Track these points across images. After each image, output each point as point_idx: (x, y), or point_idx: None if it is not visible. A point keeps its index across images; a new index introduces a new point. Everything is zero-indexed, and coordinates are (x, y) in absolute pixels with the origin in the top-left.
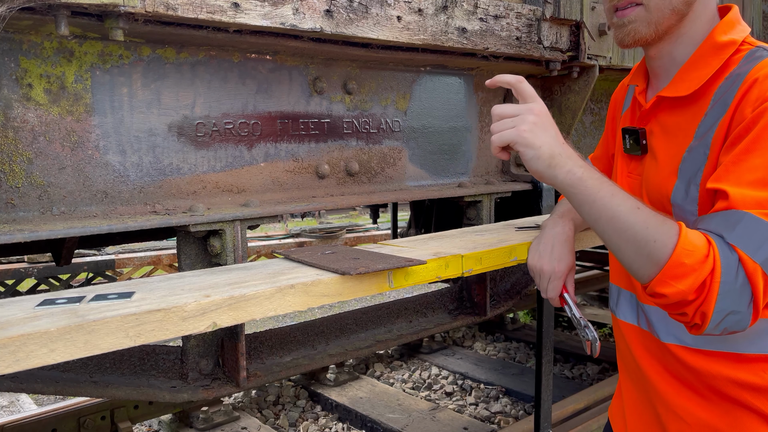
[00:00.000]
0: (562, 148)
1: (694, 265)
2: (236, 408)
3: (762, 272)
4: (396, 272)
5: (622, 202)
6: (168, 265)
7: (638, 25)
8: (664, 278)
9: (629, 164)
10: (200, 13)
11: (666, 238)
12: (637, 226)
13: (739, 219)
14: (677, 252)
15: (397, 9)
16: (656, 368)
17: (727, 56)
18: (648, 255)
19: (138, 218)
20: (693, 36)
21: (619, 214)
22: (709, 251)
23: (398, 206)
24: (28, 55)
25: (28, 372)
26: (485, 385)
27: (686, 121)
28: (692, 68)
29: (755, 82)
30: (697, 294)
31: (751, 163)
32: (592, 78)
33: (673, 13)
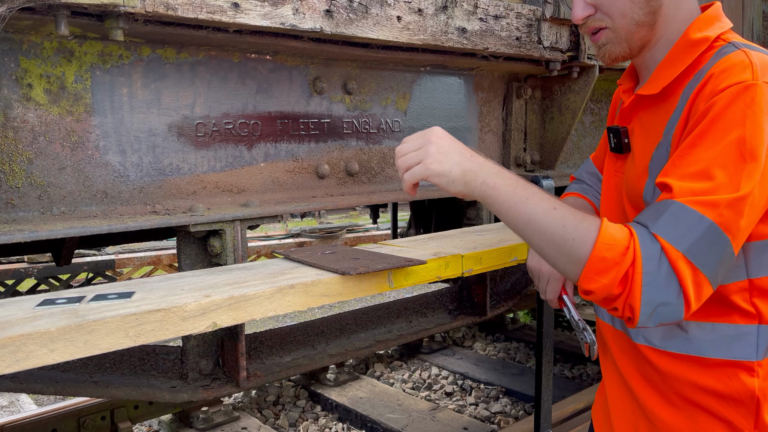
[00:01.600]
0: (471, 163)
1: (615, 258)
2: (236, 408)
3: (686, 260)
4: (396, 272)
5: (537, 204)
6: (168, 265)
7: (611, 46)
8: (588, 274)
9: (615, 163)
10: (200, 13)
11: (584, 235)
12: (554, 227)
13: (666, 208)
14: (597, 247)
15: (397, 9)
16: (630, 369)
17: (699, 53)
18: (569, 254)
19: (138, 218)
20: (670, 37)
21: (534, 217)
22: (629, 243)
23: (398, 206)
24: (28, 55)
25: (28, 372)
26: (485, 385)
27: (658, 119)
28: (666, 66)
29: (711, 77)
30: (622, 287)
31: (694, 157)
32: (592, 78)
33: (639, 26)
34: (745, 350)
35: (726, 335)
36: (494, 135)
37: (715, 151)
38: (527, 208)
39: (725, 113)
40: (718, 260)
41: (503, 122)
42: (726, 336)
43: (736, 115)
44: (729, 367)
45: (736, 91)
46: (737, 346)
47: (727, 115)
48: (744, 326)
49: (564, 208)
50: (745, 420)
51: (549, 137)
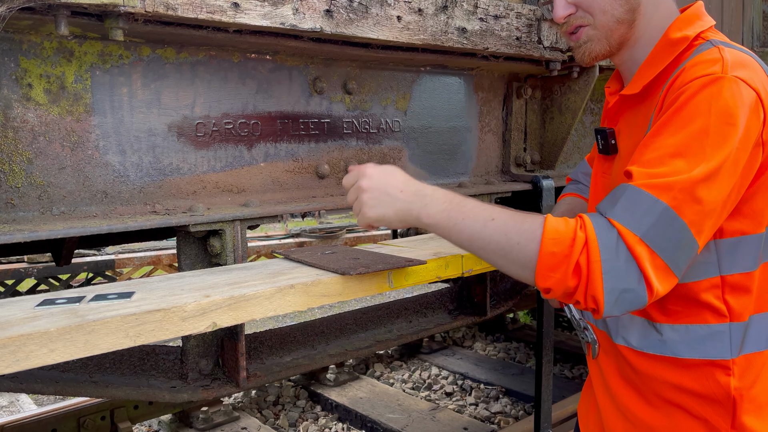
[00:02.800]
0: (401, 202)
1: (564, 250)
2: (236, 408)
3: (643, 244)
4: (396, 272)
5: (474, 221)
6: (168, 265)
7: (591, 44)
8: (540, 272)
9: (603, 164)
10: (200, 13)
11: (528, 236)
12: (497, 237)
13: (622, 193)
14: (543, 244)
15: (397, 9)
16: (610, 369)
17: (678, 52)
18: (517, 259)
19: (138, 218)
20: (651, 36)
21: (475, 232)
22: (574, 234)
23: None
24: (28, 55)
25: (28, 372)
26: (485, 385)
27: (641, 119)
28: (648, 66)
29: (682, 71)
30: (577, 278)
31: (656, 144)
32: (592, 78)
33: (619, 23)
34: (719, 349)
35: (699, 335)
36: (494, 135)
37: (677, 138)
38: (466, 227)
39: (689, 102)
40: (675, 245)
41: (503, 122)
42: (699, 336)
43: (700, 105)
44: (704, 366)
45: (702, 82)
46: (711, 346)
47: (691, 105)
48: (716, 325)
49: (502, 215)
50: (722, 419)
51: (549, 137)
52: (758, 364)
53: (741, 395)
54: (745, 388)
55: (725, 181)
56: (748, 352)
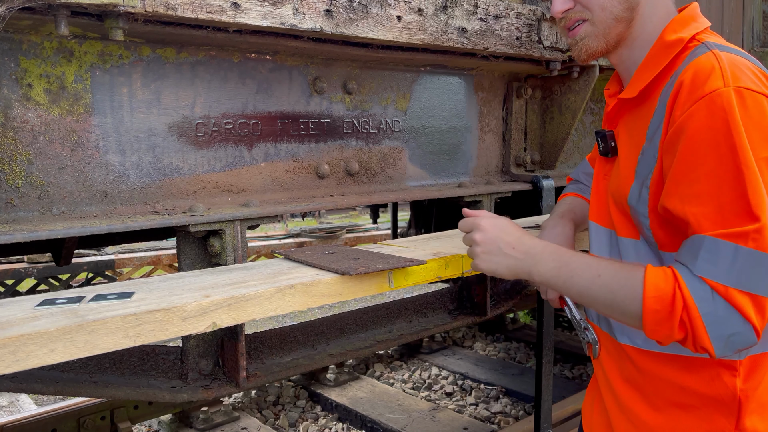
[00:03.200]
0: (513, 259)
1: (666, 308)
2: (236, 408)
3: (739, 292)
4: (396, 272)
5: (582, 276)
6: (168, 265)
7: (588, 40)
8: (647, 327)
9: (604, 166)
10: (200, 13)
11: (632, 295)
12: (602, 294)
13: (699, 246)
14: (646, 304)
15: (397, 9)
16: (613, 370)
17: (673, 55)
18: (624, 314)
19: (138, 218)
20: (647, 37)
21: (583, 288)
22: (674, 290)
23: (398, 206)
24: (28, 55)
25: (28, 372)
26: (485, 386)
27: (640, 122)
28: (644, 69)
29: (682, 84)
30: (683, 332)
31: (692, 180)
32: (592, 78)
33: (617, 21)
34: None
35: None
36: (494, 135)
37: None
38: (574, 284)
39: (705, 129)
40: (766, 275)
41: (503, 122)
42: None
43: (717, 130)
44: (711, 366)
45: (709, 102)
46: None
47: (708, 132)
48: None
49: (608, 272)
50: (727, 420)
51: (549, 137)
52: (764, 366)
53: (746, 396)
54: (750, 389)
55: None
56: (754, 353)
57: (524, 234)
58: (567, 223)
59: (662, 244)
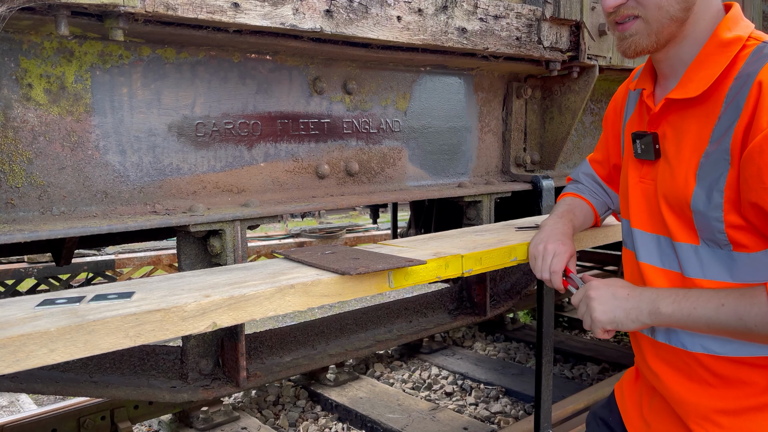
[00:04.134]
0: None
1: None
2: (236, 408)
3: None
4: (396, 272)
5: (705, 309)
6: (168, 265)
7: (638, 37)
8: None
9: (641, 169)
10: (200, 13)
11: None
12: (731, 322)
13: None
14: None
15: (397, 9)
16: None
17: (734, 53)
18: (757, 335)
19: (138, 218)
20: (698, 36)
21: (710, 319)
22: None
23: (398, 206)
24: (28, 55)
25: (28, 372)
26: (485, 385)
27: (699, 123)
28: (699, 68)
29: (762, 86)
30: None
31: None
32: (592, 78)
33: (672, 21)
34: None
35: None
36: (494, 135)
37: None
38: (699, 315)
39: None
40: None
41: (503, 122)
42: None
43: None
44: None
45: None
46: None
47: None
48: None
49: (729, 299)
50: None
51: (549, 137)
52: None
53: None
54: None
55: None
56: None
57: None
58: (566, 222)
59: (738, 245)
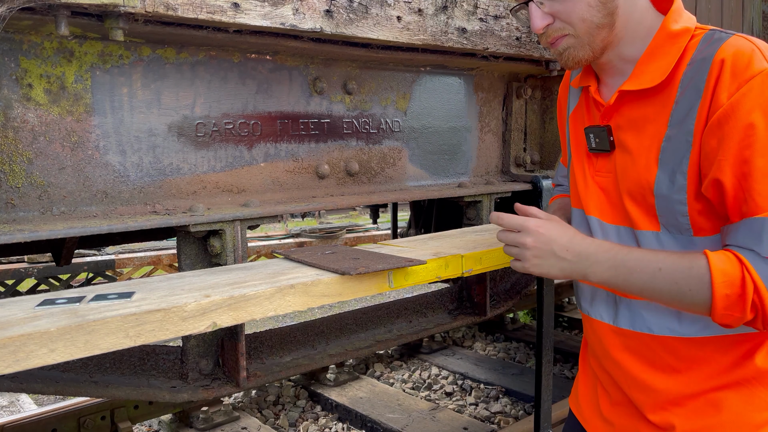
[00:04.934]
0: (566, 262)
1: (737, 291)
2: (236, 408)
3: None
4: (396, 272)
5: (643, 273)
6: (168, 265)
7: (573, 50)
8: (718, 313)
9: (596, 163)
10: (200, 13)
11: (699, 283)
12: (667, 287)
13: (761, 228)
14: (716, 289)
15: (397, 9)
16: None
17: (685, 43)
18: (692, 303)
19: (138, 218)
20: (635, 33)
21: (644, 284)
22: (743, 273)
23: (398, 206)
24: (28, 55)
25: (28, 372)
26: (485, 385)
27: (655, 111)
28: (651, 60)
29: (723, 65)
30: (754, 312)
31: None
32: None
33: (600, 29)
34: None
35: None
36: (494, 135)
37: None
38: (635, 280)
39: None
40: None
41: (503, 122)
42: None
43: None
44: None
45: (761, 81)
46: None
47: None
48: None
49: (668, 263)
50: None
51: (549, 137)
52: None
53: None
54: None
55: None
56: None
57: (575, 234)
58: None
59: (699, 229)
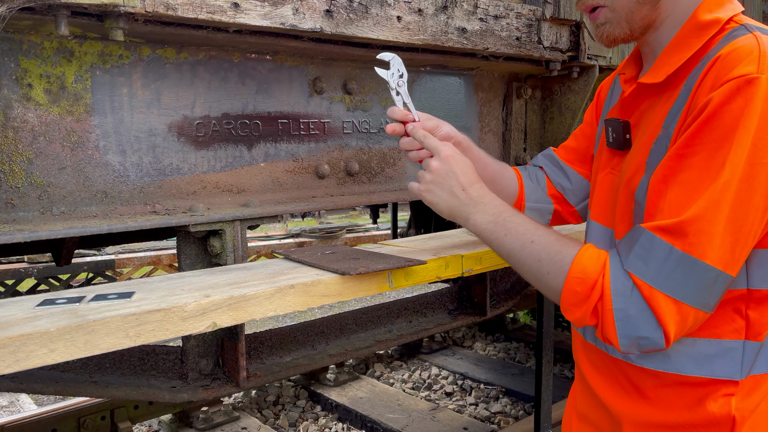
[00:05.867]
0: (457, 200)
1: (585, 292)
2: (236, 408)
3: (663, 295)
4: (396, 272)
5: (515, 239)
6: (168, 265)
7: (609, 26)
8: (564, 305)
9: (612, 160)
10: (200, 13)
11: (558, 269)
12: (531, 261)
13: (637, 238)
14: (568, 281)
15: (397, 9)
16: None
17: (708, 37)
18: (546, 286)
19: (138, 218)
20: (678, 17)
21: (513, 250)
22: (598, 277)
23: (398, 206)
24: (28, 55)
25: (28, 372)
26: (485, 385)
27: (660, 110)
28: (672, 51)
29: (715, 63)
30: (595, 319)
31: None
32: (592, 78)
33: (640, 4)
34: (728, 369)
35: (707, 353)
36: (494, 135)
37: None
38: (506, 243)
39: (717, 118)
40: (702, 288)
41: (503, 122)
42: (707, 354)
43: (728, 124)
44: (708, 385)
45: (733, 87)
46: (720, 364)
47: (718, 122)
48: (729, 342)
49: (542, 239)
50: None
51: (549, 137)
52: (763, 387)
53: (743, 416)
54: (747, 410)
55: (753, 211)
56: (757, 373)
57: (478, 180)
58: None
59: None
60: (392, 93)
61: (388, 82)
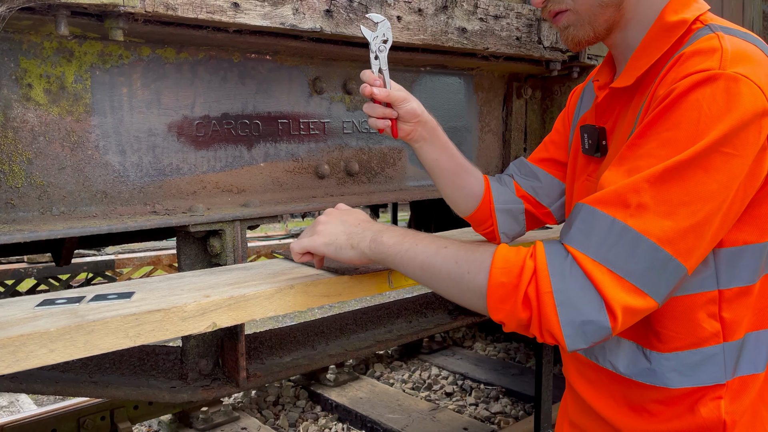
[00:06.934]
0: (355, 228)
1: (512, 280)
2: (236, 408)
3: (603, 267)
4: (396, 272)
5: (426, 247)
6: (168, 265)
7: (573, 29)
8: (491, 304)
9: (588, 166)
10: (200, 13)
11: (478, 265)
12: (446, 264)
13: (576, 214)
14: (492, 274)
15: (397, 9)
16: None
17: (675, 38)
18: (468, 288)
19: (138, 218)
20: (643, 18)
21: (426, 260)
22: (524, 259)
23: (398, 206)
24: (27, 55)
25: (27, 372)
26: (485, 386)
27: (631, 113)
28: (641, 55)
29: (677, 60)
30: (528, 310)
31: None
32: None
33: (603, 7)
34: (713, 374)
35: (692, 362)
36: (494, 135)
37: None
38: (417, 253)
39: (676, 108)
40: (647, 267)
41: (503, 122)
42: (692, 363)
43: (688, 114)
44: (696, 393)
45: (694, 80)
46: (705, 372)
47: (677, 111)
48: (709, 348)
49: (455, 244)
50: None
51: None
52: (752, 389)
53: (734, 420)
54: (737, 413)
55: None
56: (742, 374)
57: (372, 220)
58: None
59: None
60: (371, 55)
61: (370, 43)
